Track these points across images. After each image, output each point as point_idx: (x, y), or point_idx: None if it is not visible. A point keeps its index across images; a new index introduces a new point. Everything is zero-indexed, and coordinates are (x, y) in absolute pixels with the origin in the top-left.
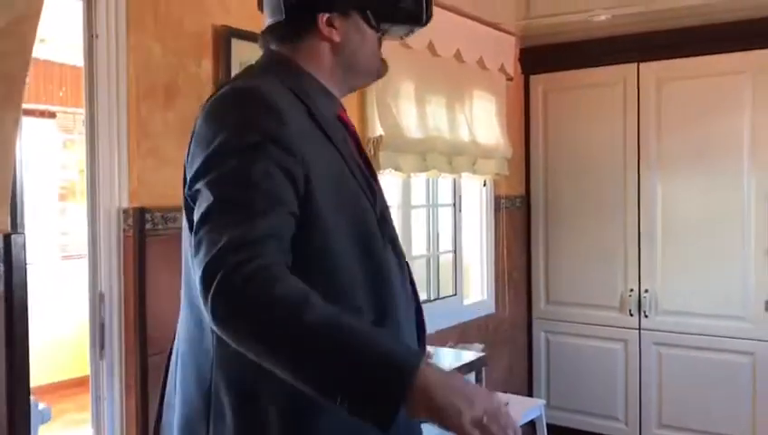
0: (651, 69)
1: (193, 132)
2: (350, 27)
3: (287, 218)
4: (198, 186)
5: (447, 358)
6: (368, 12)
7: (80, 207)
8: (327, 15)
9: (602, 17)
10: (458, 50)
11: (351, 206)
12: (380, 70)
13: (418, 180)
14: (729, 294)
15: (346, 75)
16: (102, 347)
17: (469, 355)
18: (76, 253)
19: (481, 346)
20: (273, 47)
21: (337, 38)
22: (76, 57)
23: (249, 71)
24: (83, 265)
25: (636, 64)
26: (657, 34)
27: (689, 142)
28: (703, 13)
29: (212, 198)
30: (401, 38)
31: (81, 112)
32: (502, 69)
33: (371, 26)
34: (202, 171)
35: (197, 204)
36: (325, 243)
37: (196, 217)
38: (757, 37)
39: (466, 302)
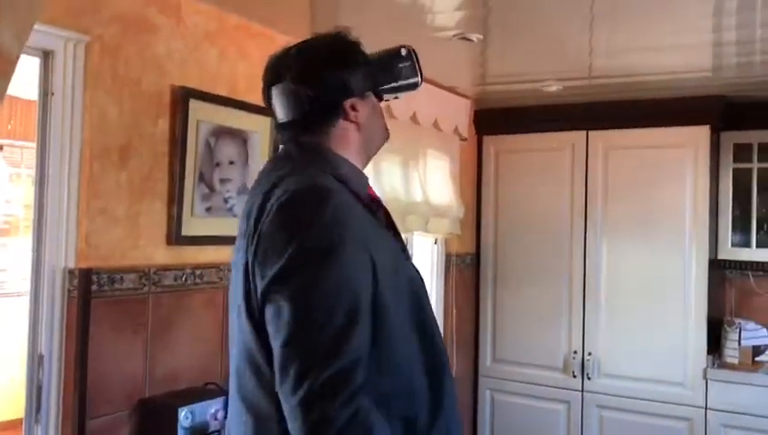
0: (599, 137)
1: (256, 222)
2: (367, 106)
3: (366, 328)
4: (276, 295)
5: None
6: (378, 88)
7: (22, 241)
8: (351, 101)
9: (553, 88)
10: (415, 112)
11: (408, 290)
12: (387, 137)
13: None
14: (669, 359)
15: (368, 148)
16: (38, 411)
17: None
18: (15, 291)
19: None
20: (301, 139)
21: (362, 119)
22: (26, 89)
23: (290, 162)
24: (22, 303)
25: (585, 132)
26: (603, 105)
27: (634, 209)
28: (640, 88)
29: (293, 316)
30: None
31: (30, 146)
32: (456, 130)
33: (380, 99)
34: (278, 278)
35: (275, 312)
36: (391, 330)
37: (274, 329)
38: (695, 114)
39: None
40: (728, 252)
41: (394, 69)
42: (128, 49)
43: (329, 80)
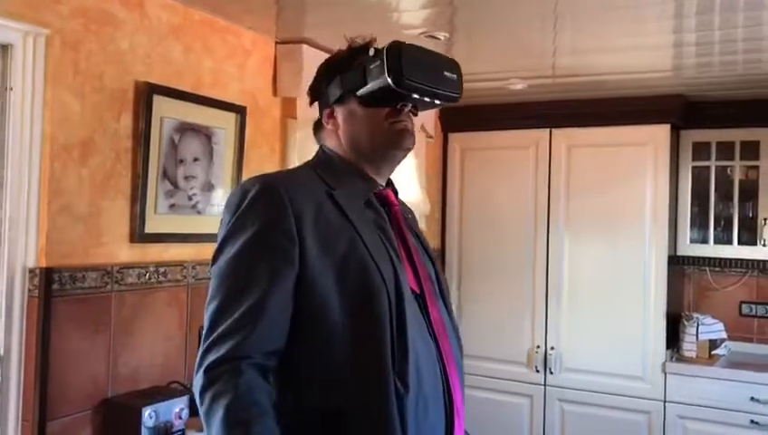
0: (562, 135)
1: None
2: (345, 113)
3: (256, 306)
4: (210, 268)
5: None
6: (350, 93)
7: None
8: (328, 110)
9: (518, 86)
10: None
11: (356, 281)
12: (397, 142)
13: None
14: (629, 353)
15: (360, 156)
16: None
17: None
18: None
19: None
20: None
21: (336, 127)
22: None
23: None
24: None
25: (548, 130)
26: (567, 103)
27: (596, 206)
28: (603, 87)
29: (213, 286)
30: (433, 105)
31: None
32: (423, 128)
33: (363, 104)
34: (214, 255)
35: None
36: (317, 315)
37: None
38: (656, 113)
39: None
40: (687, 248)
41: (364, 70)
42: (90, 43)
43: (313, 93)
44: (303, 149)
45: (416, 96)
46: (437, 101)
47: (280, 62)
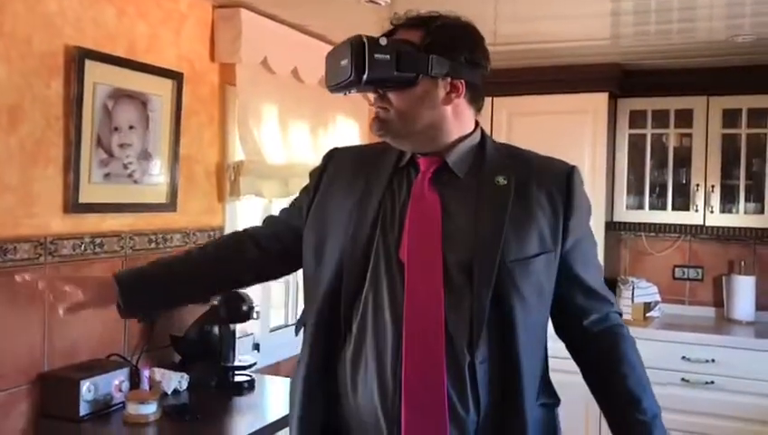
0: (503, 103)
1: None
2: None
3: (279, 219)
4: None
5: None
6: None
7: None
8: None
9: None
10: (323, 76)
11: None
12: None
13: (281, 205)
14: None
15: None
16: None
17: None
18: None
19: None
20: None
21: None
22: None
23: None
24: None
25: (490, 98)
26: (508, 72)
27: None
28: (543, 56)
29: None
30: (362, 90)
31: None
32: (364, 95)
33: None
34: None
35: None
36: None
37: None
38: (594, 81)
39: None
40: (623, 214)
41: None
42: (15, 5)
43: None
44: (244, 117)
45: (345, 93)
46: (354, 90)
47: (217, 27)
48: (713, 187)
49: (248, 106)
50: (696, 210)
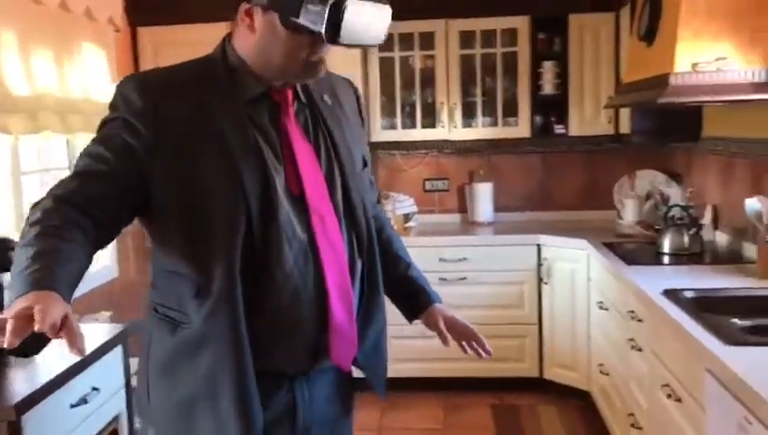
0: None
1: None
2: (265, 23)
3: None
4: None
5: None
6: (279, 12)
7: None
8: (248, 6)
9: None
10: None
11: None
12: (309, 73)
13: (30, 143)
14: None
15: (265, 68)
16: None
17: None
18: None
19: (108, 314)
20: None
21: (252, 30)
22: None
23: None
24: None
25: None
26: None
27: None
28: None
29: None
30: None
31: None
32: (111, 20)
33: (287, 27)
34: None
35: None
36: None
37: None
38: None
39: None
40: (379, 135)
41: (302, 3)
42: None
43: None
44: None
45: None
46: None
47: None
48: (455, 104)
49: None
50: (443, 127)
